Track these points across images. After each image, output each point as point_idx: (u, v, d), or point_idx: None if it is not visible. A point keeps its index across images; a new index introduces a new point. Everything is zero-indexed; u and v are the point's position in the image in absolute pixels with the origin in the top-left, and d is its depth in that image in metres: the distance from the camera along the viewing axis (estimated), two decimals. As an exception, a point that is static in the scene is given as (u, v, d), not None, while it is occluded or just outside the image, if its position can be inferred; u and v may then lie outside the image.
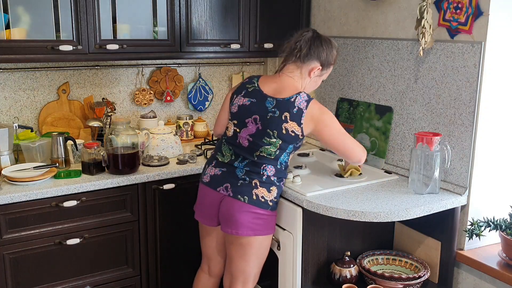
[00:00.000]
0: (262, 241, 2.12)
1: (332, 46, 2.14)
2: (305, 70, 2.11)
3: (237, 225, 2.06)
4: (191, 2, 2.65)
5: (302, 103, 2.03)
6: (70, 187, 2.23)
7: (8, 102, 2.66)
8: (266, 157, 2.07)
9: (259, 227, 2.08)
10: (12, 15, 2.26)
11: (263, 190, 2.06)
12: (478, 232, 2.09)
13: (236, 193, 2.06)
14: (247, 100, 2.11)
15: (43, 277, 2.29)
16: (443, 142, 2.13)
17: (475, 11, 2.00)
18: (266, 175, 2.07)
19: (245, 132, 2.10)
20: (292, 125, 2.03)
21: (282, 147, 2.06)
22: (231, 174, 2.10)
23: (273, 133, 2.04)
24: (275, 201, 2.11)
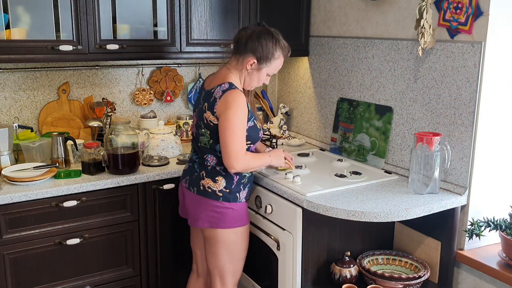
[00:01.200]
0: (226, 235, 2.13)
1: (274, 41, 2.09)
2: (241, 62, 2.12)
3: (193, 216, 2.19)
4: (191, 2, 2.65)
5: (218, 93, 2.06)
6: (70, 187, 2.23)
7: (8, 102, 2.66)
8: (204, 147, 2.16)
9: (214, 219, 2.12)
10: (12, 15, 2.26)
11: (208, 180, 2.13)
12: (478, 232, 2.08)
13: (190, 184, 2.20)
14: (197, 96, 2.27)
15: (43, 277, 2.29)
16: (443, 142, 2.13)
17: (475, 11, 2.00)
18: (209, 165, 2.14)
19: (193, 124, 2.24)
20: (208, 114, 2.08)
21: (213, 137, 2.11)
22: (192, 167, 2.23)
23: (201, 123, 2.14)
24: (227, 192, 2.12)
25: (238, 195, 2.16)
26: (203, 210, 2.13)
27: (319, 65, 2.98)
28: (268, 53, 2.09)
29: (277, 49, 2.11)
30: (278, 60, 2.14)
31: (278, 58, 2.14)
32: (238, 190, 2.16)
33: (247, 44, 2.08)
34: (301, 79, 3.17)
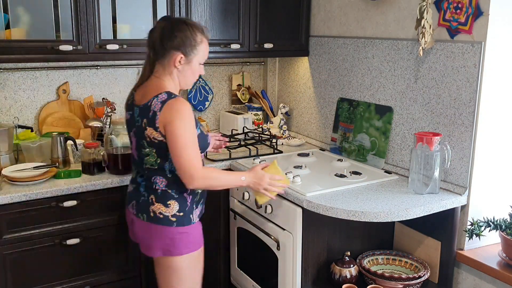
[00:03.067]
0: (180, 262, 1.95)
1: (187, 29, 1.89)
2: (167, 64, 1.91)
3: (145, 245, 2.00)
4: (191, 2, 2.65)
5: (157, 105, 1.83)
6: (70, 187, 2.23)
7: (8, 102, 2.66)
8: (151, 168, 1.94)
9: (167, 246, 1.93)
10: (12, 15, 2.26)
11: (159, 205, 1.92)
12: (478, 232, 2.09)
13: (138, 211, 1.98)
14: (127, 114, 2.00)
15: (43, 277, 2.28)
16: (443, 142, 2.13)
17: (475, 11, 2.00)
18: (159, 188, 1.93)
19: (133, 146, 2.00)
20: (150, 131, 1.86)
21: (160, 155, 1.90)
22: (136, 190, 2.00)
23: (143, 143, 1.91)
24: (181, 216, 1.93)
25: (192, 217, 1.97)
26: (154, 239, 1.94)
27: (319, 65, 2.98)
28: (190, 41, 1.89)
29: (196, 33, 1.91)
30: (203, 44, 1.94)
31: (202, 41, 1.93)
32: (191, 211, 1.97)
33: (164, 43, 1.88)
34: (301, 79, 3.17)
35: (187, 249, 1.95)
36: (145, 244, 2.01)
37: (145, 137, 1.89)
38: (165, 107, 1.82)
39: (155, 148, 1.89)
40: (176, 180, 1.92)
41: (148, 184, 1.96)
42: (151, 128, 1.85)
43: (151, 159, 1.92)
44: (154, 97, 1.86)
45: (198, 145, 1.89)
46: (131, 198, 2.03)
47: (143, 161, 1.95)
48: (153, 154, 1.91)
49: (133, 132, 1.96)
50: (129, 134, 2.01)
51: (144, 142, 1.90)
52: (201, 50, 1.95)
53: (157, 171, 1.93)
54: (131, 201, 2.02)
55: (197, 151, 1.88)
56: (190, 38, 1.89)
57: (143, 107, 1.88)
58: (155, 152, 1.91)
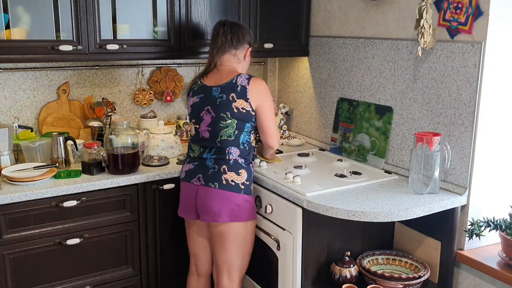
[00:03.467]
0: (241, 228, 2.19)
1: (246, 27, 2.35)
2: (240, 55, 2.29)
3: (213, 212, 2.16)
4: (191, 2, 2.65)
5: (243, 81, 2.19)
6: (70, 187, 2.23)
7: (8, 102, 2.66)
8: (227, 140, 2.19)
9: (235, 213, 2.16)
10: (12, 15, 2.26)
11: (232, 174, 2.17)
12: (478, 232, 2.08)
13: (207, 181, 2.18)
14: (196, 98, 2.28)
15: (43, 277, 2.29)
16: (443, 142, 2.13)
17: (475, 11, 2.00)
18: (232, 158, 2.19)
19: (203, 124, 2.25)
20: (240, 102, 2.17)
21: (239, 127, 2.20)
22: (202, 165, 2.22)
23: (226, 115, 2.18)
24: (247, 185, 2.20)
25: (252, 188, 2.24)
26: (225, 205, 2.15)
27: (319, 65, 2.98)
28: (251, 37, 2.34)
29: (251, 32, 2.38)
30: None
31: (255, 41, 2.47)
32: (251, 182, 2.24)
33: (241, 37, 2.27)
34: (301, 79, 3.17)
35: (250, 216, 2.22)
36: (213, 211, 2.17)
37: (231, 108, 2.18)
38: (252, 82, 2.19)
39: (238, 119, 2.19)
40: (246, 151, 2.24)
41: (218, 157, 2.20)
42: (241, 99, 2.18)
43: (230, 130, 2.19)
44: (237, 76, 2.21)
45: None
46: (194, 173, 2.24)
47: (217, 135, 2.21)
48: (233, 125, 2.19)
49: (206, 110, 2.23)
50: (199, 114, 2.26)
51: (228, 114, 2.18)
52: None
53: (233, 142, 2.20)
54: (195, 175, 2.23)
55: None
56: (251, 34, 2.36)
57: (226, 85, 2.20)
58: (236, 124, 2.19)
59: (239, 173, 2.18)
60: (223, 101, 2.19)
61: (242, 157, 2.21)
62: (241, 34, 2.28)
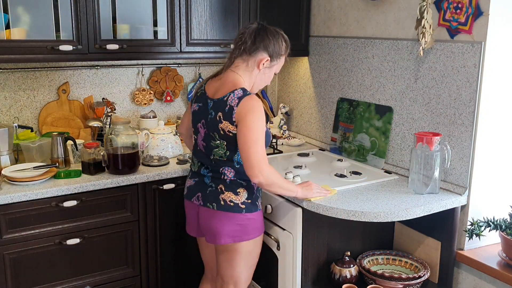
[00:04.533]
0: (247, 246, 2.06)
1: (279, 37, 2.03)
2: (252, 62, 2.01)
3: (214, 234, 2.04)
4: (191, 2, 2.65)
5: (234, 100, 1.92)
6: (70, 187, 2.23)
7: (8, 102, 2.66)
8: (219, 159, 2.01)
9: (237, 233, 2.02)
10: (12, 15, 2.26)
11: (229, 194, 2.00)
12: (478, 232, 2.09)
13: (205, 201, 2.04)
14: (196, 106, 2.09)
15: (43, 277, 2.29)
16: (443, 142, 2.13)
17: (475, 11, 2.00)
18: (227, 178, 2.01)
19: (199, 137, 2.09)
20: (226, 124, 1.94)
21: (230, 148, 1.98)
22: (201, 182, 2.09)
23: (214, 135, 1.99)
24: (249, 203, 2.03)
25: (258, 203, 2.08)
26: (225, 226, 2.01)
27: (319, 65, 2.98)
28: (279, 49, 2.03)
29: (284, 44, 2.05)
30: (284, 56, 2.08)
31: (285, 53, 2.07)
32: (257, 198, 2.08)
33: (256, 42, 1.98)
34: (301, 79, 3.17)
35: (254, 234, 2.06)
36: (213, 233, 2.04)
37: (218, 129, 1.97)
38: (242, 102, 1.91)
39: (227, 141, 1.97)
40: (243, 171, 1.97)
41: (215, 175, 2.04)
42: (227, 122, 1.94)
43: (220, 151, 2.00)
44: (230, 93, 1.94)
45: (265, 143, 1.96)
46: (194, 191, 2.10)
47: (211, 152, 2.03)
48: (223, 147, 1.99)
49: (201, 124, 2.05)
50: (196, 125, 2.09)
51: (216, 135, 1.99)
52: (281, 60, 2.08)
53: (226, 162, 2.01)
54: (195, 194, 2.09)
55: (264, 147, 1.95)
56: (279, 45, 2.03)
57: (217, 101, 1.97)
58: (225, 145, 1.98)
59: (237, 192, 2.00)
60: (212, 119, 1.99)
61: (240, 177, 2.01)
62: (261, 40, 1.98)
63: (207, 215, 2.06)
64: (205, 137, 2.04)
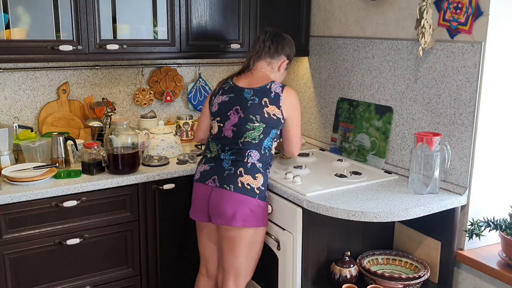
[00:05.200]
0: (253, 234, 2.15)
1: (292, 43, 2.38)
2: (275, 64, 2.32)
3: (226, 215, 2.11)
4: (191, 2, 2.65)
5: (277, 88, 2.21)
6: (70, 187, 2.23)
7: (8, 102, 2.66)
8: (250, 142, 2.17)
9: (248, 218, 2.11)
10: (12, 15, 2.26)
11: (248, 177, 2.13)
12: (478, 232, 2.09)
13: (222, 183, 2.14)
14: (225, 97, 2.26)
15: (43, 277, 2.29)
16: (443, 142, 2.13)
17: (475, 11, 2.00)
18: (250, 161, 2.15)
19: (228, 123, 2.22)
20: (272, 108, 2.18)
21: (265, 132, 2.18)
22: (218, 166, 2.19)
23: (255, 118, 2.18)
24: (263, 190, 2.16)
25: (267, 194, 2.21)
26: (239, 208, 2.10)
27: (319, 65, 2.98)
28: (292, 54, 2.37)
29: (294, 49, 2.40)
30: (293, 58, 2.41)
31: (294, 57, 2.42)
32: (267, 188, 2.21)
33: (279, 47, 2.30)
34: (301, 79, 3.17)
35: (259, 222, 2.16)
36: (227, 214, 2.11)
37: (262, 113, 2.18)
38: (286, 91, 2.22)
39: (268, 123, 2.18)
40: (266, 157, 2.20)
41: (237, 158, 2.17)
42: (274, 106, 2.19)
43: (255, 133, 2.18)
44: (271, 82, 2.23)
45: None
46: (210, 174, 2.19)
47: (242, 136, 2.19)
48: (259, 129, 2.18)
49: (234, 110, 2.22)
50: (226, 113, 2.24)
51: (257, 117, 2.18)
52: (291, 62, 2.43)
53: (255, 145, 2.18)
54: (210, 177, 2.19)
55: None
56: (293, 52, 2.39)
57: (259, 89, 2.22)
58: (263, 128, 2.18)
59: (255, 177, 2.14)
60: (255, 104, 2.19)
61: (261, 162, 2.17)
62: (281, 45, 2.30)
63: (221, 196, 2.13)
64: (240, 121, 2.20)
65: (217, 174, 2.16)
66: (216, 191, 2.14)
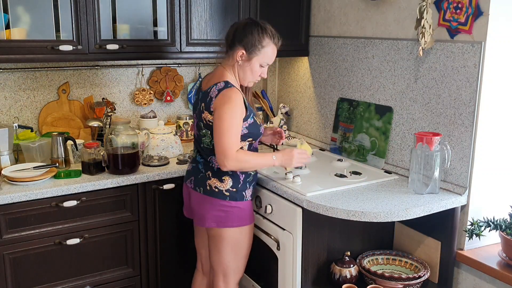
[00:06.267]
0: (233, 233, 2.16)
1: (256, 28, 2.06)
2: (232, 57, 2.12)
3: (199, 216, 2.19)
4: (191, 2, 2.65)
5: (214, 92, 2.05)
6: (70, 187, 2.23)
7: (8, 102, 2.66)
8: (207, 148, 2.15)
9: (222, 219, 2.13)
10: (12, 15, 2.26)
11: (215, 180, 2.13)
12: (478, 232, 2.09)
13: (195, 185, 2.19)
14: (195, 98, 2.26)
15: (43, 277, 2.29)
16: (443, 142, 2.13)
17: (475, 11, 2.00)
18: (215, 166, 2.14)
19: (193, 126, 2.29)
20: (206, 114, 2.08)
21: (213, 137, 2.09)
22: (195, 168, 2.23)
23: (201, 124, 2.14)
24: (234, 191, 2.13)
25: (245, 194, 2.17)
26: (209, 210, 2.14)
27: (319, 65, 2.98)
28: (255, 41, 2.05)
29: (264, 36, 2.07)
30: (268, 48, 2.09)
31: (267, 46, 2.08)
32: (244, 188, 2.17)
33: (234, 36, 2.09)
34: (301, 79, 3.17)
35: (238, 222, 2.15)
36: (200, 215, 2.19)
37: (202, 119, 2.11)
38: (220, 94, 2.03)
39: (210, 130, 2.10)
40: None
41: (205, 162, 2.18)
42: (207, 111, 2.07)
43: (206, 139, 2.14)
44: (214, 85, 2.08)
45: (239, 134, 2.05)
46: (189, 175, 2.25)
47: (200, 141, 2.18)
48: (208, 136, 2.13)
49: (195, 114, 2.19)
50: (193, 114, 2.24)
51: (201, 124, 2.13)
52: (264, 53, 2.10)
53: (212, 151, 2.12)
54: (189, 177, 2.24)
55: (237, 138, 2.04)
56: (257, 38, 2.06)
57: (204, 93, 2.12)
58: (209, 134, 2.11)
59: (222, 179, 2.12)
60: (199, 110, 2.14)
61: None
62: (238, 33, 2.07)
63: (196, 198, 2.20)
64: (196, 126, 2.20)
65: (194, 176, 2.21)
66: (192, 193, 2.22)
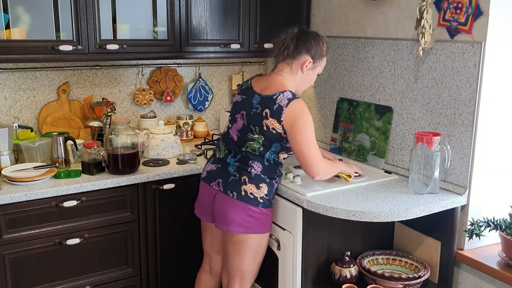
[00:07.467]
0: (257, 239, 2.13)
1: (320, 39, 2.14)
2: (295, 65, 2.11)
3: (227, 221, 2.10)
4: (191, 2, 2.65)
5: (283, 100, 2.02)
6: (70, 187, 2.23)
7: (8, 102, 2.66)
8: (251, 152, 2.10)
9: (250, 224, 2.09)
10: (12, 15, 2.26)
11: (251, 186, 2.08)
12: (478, 232, 2.09)
13: (226, 188, 2.10)
14: (239, 97, 2.19)
15: (43, 277, 2.29)
16: (443, 142, 2.13)
17: (475, 11, 2.01)
18: (254, 172, 2.09)
19: (235, 127, 2.16)
20: (272, 122, 2.03)
21: (265, 144, 2.07)
22: (224, 170, 2.15)
23: (255, 129, 2.07)
24: (267, 199, 2.10)
25: (272, 201, 2.16)
26: (240, 215, 2.07)
27: (319, 65, 2.98)
28: (320, 50, 2.13)
29: (325, 45, 2.16)
30: (326, 56, 2.18)
31: (326, 54, 2.18)
32: (273, 196, 2.16)
33: (299, 45, 2.09)
34: (301, 79, 3.16)
35: (263, 229, 2.13)
36: (226, 219, 2.11)
37: (261, 125, 2.05)
38: (291, 104, 2.01)
39: (266, 137, 2.05)
40: (270, 168, 2.11)
41: (241, 166, 2.11)
42: (274, 119, 2.03)
43: (255, 145, 2.08)
44: (280, 93, 2.04)
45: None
46: (214, 176, 2.17)
47: (244, 144, 2.11)
48: (259, 141, 2.07)
49: (241, 115, 2.13)
50: (235, 115, 2.17)
51: (256, 128, 2.06)
52: (323, 61, 2.19)
53: (257, 157, 2.09)
54: (215, 179, 2.16)
55: (318, 148, 2.09)
56: (321, 47, 2.13)
57: (266, 98, 2.06)
58: (262, 140, 2.06)
59: (259, 186, 2.08)
60: (257, 113, 2.07)
61: (265, 173, 2.10)
62: (302, 43, 2.08)
63: (224, 202, 2.11)
64: (243, 128, 2.12)
65: (223, 178, 2.13)
66: (220, 195, 2.12)
